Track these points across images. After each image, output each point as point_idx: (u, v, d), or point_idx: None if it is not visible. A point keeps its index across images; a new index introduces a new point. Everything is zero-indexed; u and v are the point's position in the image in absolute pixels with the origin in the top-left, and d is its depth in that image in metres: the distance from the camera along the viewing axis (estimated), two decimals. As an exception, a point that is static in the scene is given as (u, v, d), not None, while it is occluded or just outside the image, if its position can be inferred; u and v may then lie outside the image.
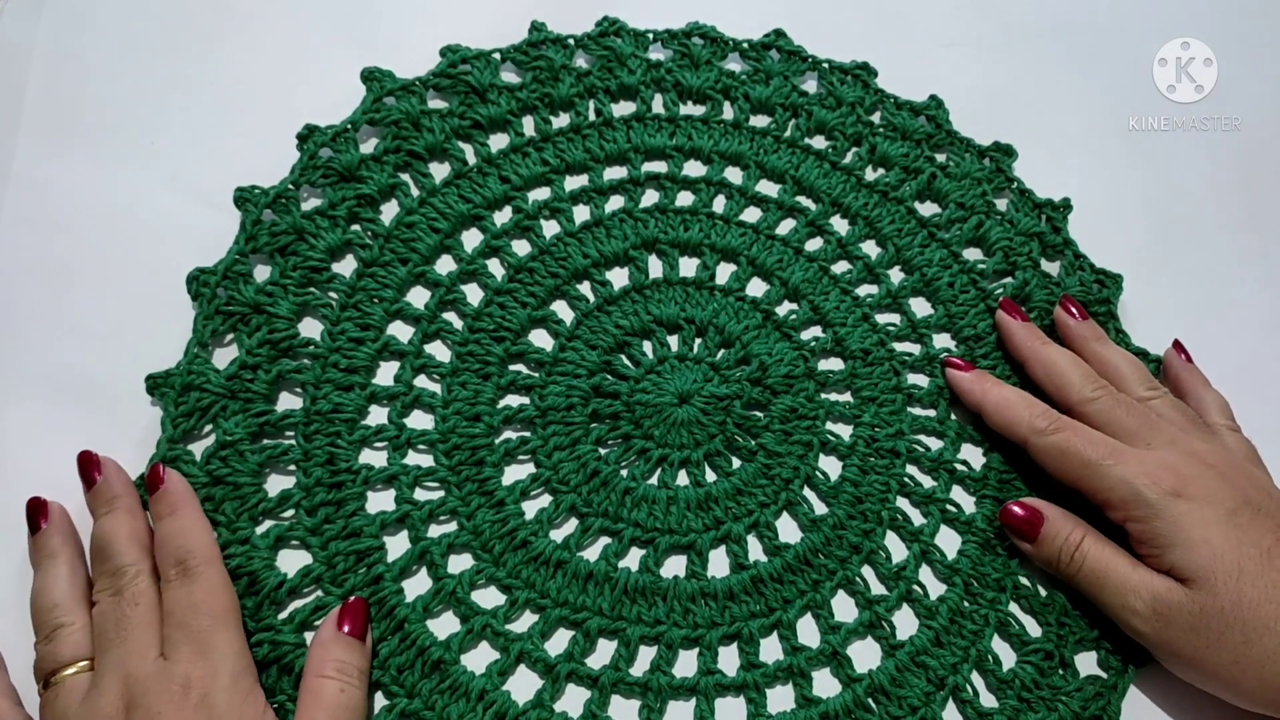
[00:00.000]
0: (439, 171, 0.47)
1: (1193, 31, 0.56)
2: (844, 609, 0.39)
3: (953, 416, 0.44)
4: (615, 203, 0.47)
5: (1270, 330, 0.48)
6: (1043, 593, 0.40)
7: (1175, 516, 0.36)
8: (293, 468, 0.39)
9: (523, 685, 0.36)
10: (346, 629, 0.35)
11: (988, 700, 0.38)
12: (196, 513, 0.36)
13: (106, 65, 0.49)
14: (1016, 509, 0.39)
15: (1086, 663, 0.39)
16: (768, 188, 0.49)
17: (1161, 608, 0.35)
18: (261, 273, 0.43)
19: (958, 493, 0.42)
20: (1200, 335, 0.44)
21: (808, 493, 0.41)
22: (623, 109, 0.50)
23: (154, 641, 0.33)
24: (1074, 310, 0.44)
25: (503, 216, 0.46)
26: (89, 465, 0.36)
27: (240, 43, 0.50)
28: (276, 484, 0.39)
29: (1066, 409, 0.41)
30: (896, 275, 0.47)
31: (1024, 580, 0.40)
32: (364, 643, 0.35)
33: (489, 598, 0.38)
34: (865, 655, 0.38)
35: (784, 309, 0.45)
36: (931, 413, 0.44)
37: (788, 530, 0.40)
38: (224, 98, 0.48)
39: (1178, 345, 0.45)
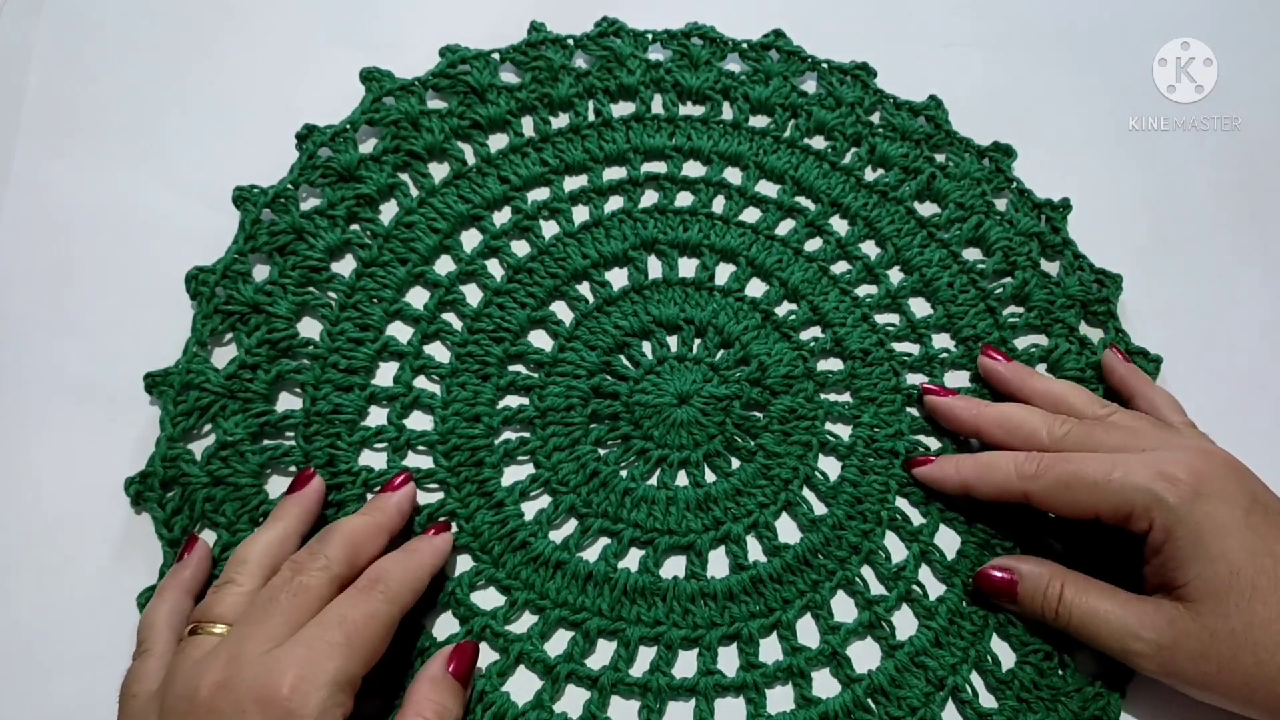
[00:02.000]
0: (438, 172, 0.47)
1: (1193, 31, 0.55)
2: (844, 609, 0.39)
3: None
4: (614, 203, 0.47)
5: (1270, 330, 0.47)
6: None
7: (1197, 521, 0.34)
8: (293, 469, 0.39)
9: (522, 686, 0.36)
10: (452, 669, 0.33)
11: (987, 701, 0.38)
12: (428, 567, 0.35)
13: (106, 66, 0.49)
14: (989, 574, 0.38)
15: (1086, 663, 0.39)
16: (767, 188, 0.49)
17: (1167, 640, 0.34)
18: (261, 272, 0.43)
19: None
20: (1200, 335, 0.44)
21: (807, 493, 0.41)
22: (622, 109, 0.50)
23: (284, 636, 0.31)
24: (996, 356, 0.43)
25: (502, 217, 0.46)
26: (391, 483, 0.38)
27: (240, 43, 0.50)
28: (278, 485, 0.39)
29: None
30: (896, 275, 0.47)
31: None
32: (466, 690, 0.34)
33: (488, 599, 0.38)
34: (865, 656, 0.38)
35: (783, 309, 0.45)
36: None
37: (787, 531, 0.40)
38: (224, 98, 0.48)
39: (1114, 347, 0.44)
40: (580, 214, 0.47)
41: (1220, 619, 0.33)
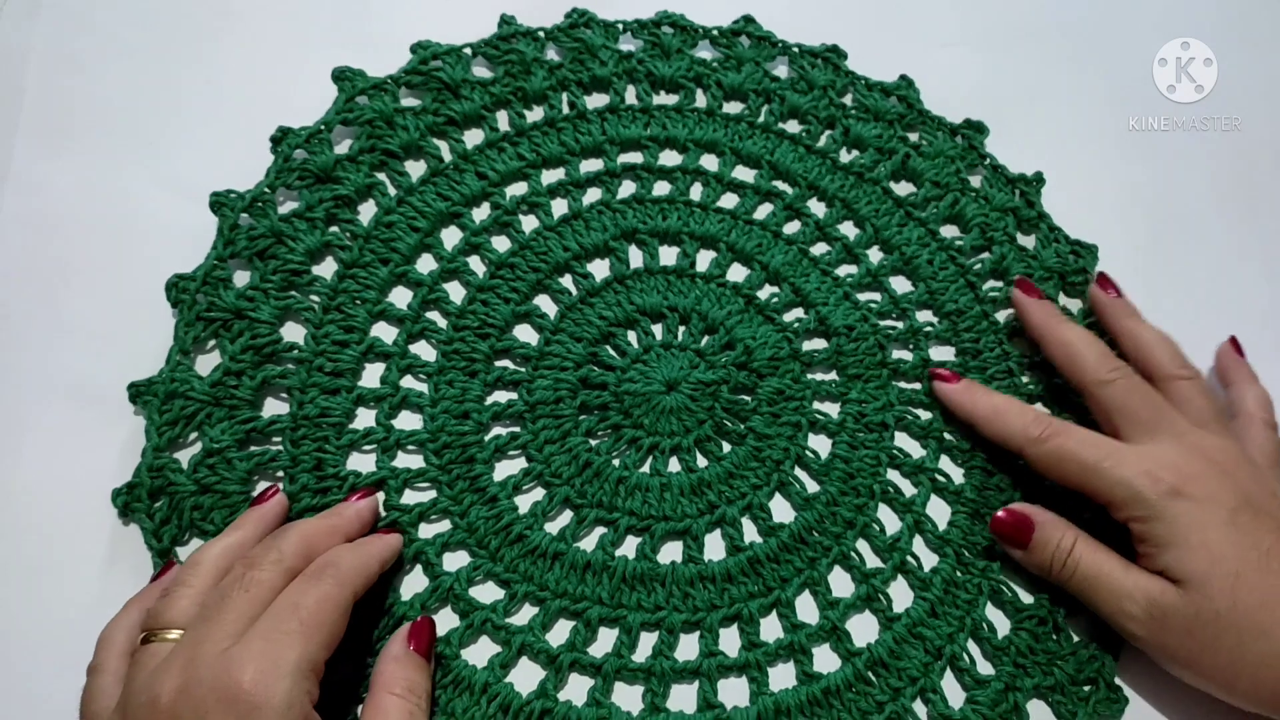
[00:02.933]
0: (415, 170, 0.47)
1: (1193, 31, 0.55)
2: (841, 584, 0.39)
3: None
4: (593, 195, 0.47)
5: (1270, 329, 0.47)
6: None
7: (1174, 517, 0.35)
8: (281, 474, 0.39)
9: (526, 677, 0.36)
10: (413, 646, 0.33)
11: (985, 668, 0.38)
12: (378, 557, 0.35)
13: (104, 67, 0.48)
14: (1005, 516, 0.39)
15: (1080, 627, 0.39)
16: (744, 173, 0.49)
17: (1156, 611, 0.35)
18: (242, 278, 0.43)
19: (946, 464, 0.42)
20: (1200, 335, 0.43)
21: (799, 472, 0.42)
22: (596, 101, 0.50)
23: (240, 632, 0.30)
24: (1108, 287, 0.44)
25: (481, 213, 0.46)
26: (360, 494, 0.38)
27: (238, 44, 0.50)
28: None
29: (1081, 390, 0.41)
30: (875, 255, 0.47)
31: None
32: (430, 663, 0.34)
33: (487, 593, 0.38)
34: (864, 629, 0.38)
35: (765, 292, 0.46)
36: (918, 385, 0.44)
37: (781, 510, 0.41)
38: (222, 99, 0.48)
39: (1234, 341, 0.44)
40: (559, 207, 0.47)
41: (1204, 600, 0.34)
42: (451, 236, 0.45)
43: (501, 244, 0.45)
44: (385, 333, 0.43)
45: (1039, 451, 0.39)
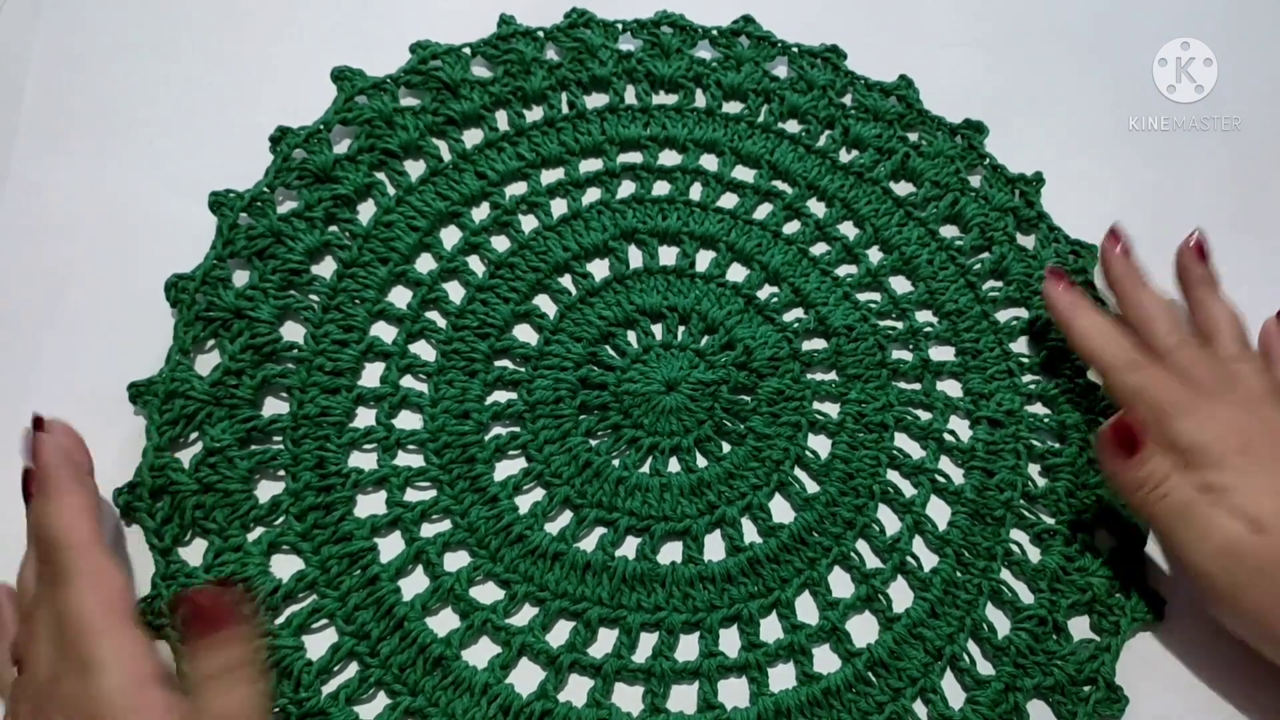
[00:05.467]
0: (414, 169, 0.47)
1: (1193, 31, 0.55)
2: (841, 585, 0.39)
3: (939, 388, 0.44)
4: (592, 195, 0.47)
5: None
6: (1033, 560, 0.41)
7: (1240, 468, 0.36)
8: (282, 472, 0.39)
9: (526, 677, 0.36)
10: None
11: (985, 668, 0.38)
12: (71, 491, 0.32)
13: (104, 67, 0.48)
14: (1126, 418, 0.38)
15: (1080, 627, 0.39)
16: (743, 173, 0.49)
17: (1233, 549, 0.35)
18: (241, 278, 0.43)
19: (946, 464, 0.42)
20: None
21: (799, 472, 0.42)
22: (595, 101, 0.50)
23: (57, 675, 0.29)
24: (1199, 252, 0.44)
25: (480, 213, 0.46)
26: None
27: (239, 44, 0.50)
28: (268, 489, 0.39)
29: (1156, 353, 0.41)
30: (875, 255, 0.47)
31: (1014, 548, 0.41)
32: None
33: (487, 593, 0.38)
34: (863, 630, 0.38)
35: (765, 292, 0.46)
36: (918, 386, 0.44)
37: (781, 511, 0.41)
38: (220, 99, 0.48)
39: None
40: (559, 207, 0.47)
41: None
42: (451, 236, 0.45)
43: (501, 244, 0.45)
44: (385, 332, 0.43)
45: (1120, 381, 0.39)
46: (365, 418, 0.41)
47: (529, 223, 0.46)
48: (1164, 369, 0.40)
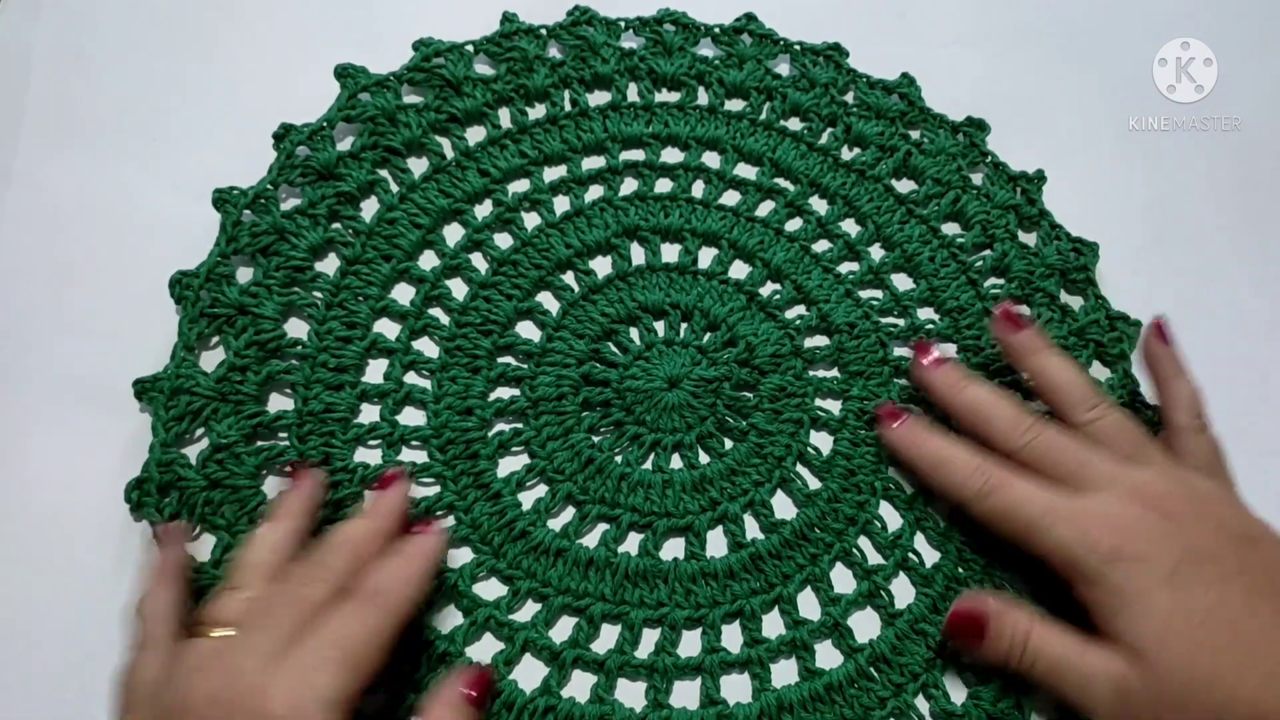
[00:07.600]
0: (417, 167, 0.47)
1: (1193, 31, 0.55)
2: (843, 581, 0.39)
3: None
4: (595, 192, 0.48)
5: (1270, 330, 0.47)
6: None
7: (1118, 583, 0.33)
8: (289, 469, 0.39)
9: (529, 674, 0.37)
10: (475, 693, 0.33)
11: (986, 664, 0.38)
12: (426, 574, 0.34)
13: (106, 65, 0.48)
14: (954, 614, 0.36)
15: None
16: (746, 171, 0.49)
17: (1122, 694, 0.33)
18: (245, 274, 0.43)
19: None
20: (1199, 335, 0.42)
21: (801, 469, 0.42)
22: (598, 98, 0.50)
23: (281, 650, 0.30)
24: (1013, 320, 0.41)
25: (483, 210, 0.46)
26: (385, 477, 0.38)
27: (241, 42, 0.50)
28: (275, 485, 0.39)
29: (1005, 453, 0.38)
30: (877, 252, 0.47)
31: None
32: (480, 716, 0.33)
33: (491, 589, 0.38)
34: (866, 625, 0.39)
35: (767, 290, 0.46)
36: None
37: (783, 507, 0.41)
38: (224, 97, 0.48)
39: (1158, 325, 0.41)
40: (561, 204, 0.47)
41: (1165, 675, 0.32)
42: (454, 233, 0.45)
43: (504, 241, 0.45)
44: (388, 329, 0.43)
45: (983, 508, 0.37)
46: (369, 414, 0.41)
47: (531, 220, 0.46)
48: (1017, 475, 0.37)
